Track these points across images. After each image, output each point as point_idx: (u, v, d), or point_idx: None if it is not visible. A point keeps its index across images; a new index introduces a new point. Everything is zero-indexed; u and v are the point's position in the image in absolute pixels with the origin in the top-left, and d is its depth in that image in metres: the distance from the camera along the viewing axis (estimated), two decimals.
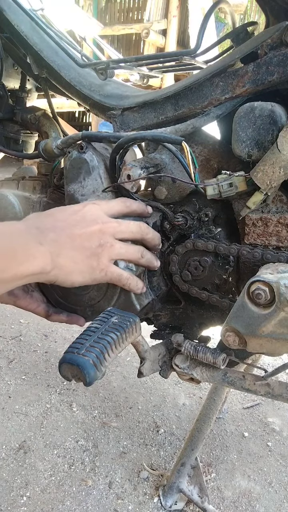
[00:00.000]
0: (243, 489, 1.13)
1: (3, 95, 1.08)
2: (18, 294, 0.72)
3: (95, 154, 0.75)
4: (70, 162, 0.76)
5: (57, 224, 0.61)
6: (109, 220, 0.65)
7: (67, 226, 0.61)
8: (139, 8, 6.31)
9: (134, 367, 1.64)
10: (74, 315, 0.76)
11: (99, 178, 0.75)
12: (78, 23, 2.06)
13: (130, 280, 0.67)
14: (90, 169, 0.74)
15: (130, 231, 0.67)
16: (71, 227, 0.61)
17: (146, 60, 0.91)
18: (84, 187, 0.75)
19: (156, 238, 0.72)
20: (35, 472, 1.14)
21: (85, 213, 0.64)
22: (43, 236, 0.58)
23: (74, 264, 0.60)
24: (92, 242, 0.61)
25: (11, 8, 0.93)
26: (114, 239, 0.64)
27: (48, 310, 0.75)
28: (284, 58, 0.64)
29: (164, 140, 0.70)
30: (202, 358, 0.72)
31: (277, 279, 0.56)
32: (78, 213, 0.64)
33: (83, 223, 0.62)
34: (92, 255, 0.61)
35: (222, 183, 0.67)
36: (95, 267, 0.62)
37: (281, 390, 0.71)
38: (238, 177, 0.67)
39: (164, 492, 1.07)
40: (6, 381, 1.51)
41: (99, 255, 0.62)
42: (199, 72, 0.79)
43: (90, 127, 6.35)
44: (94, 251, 0.61)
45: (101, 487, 1.11)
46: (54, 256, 0.58)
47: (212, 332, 0.91)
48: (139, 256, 0.68)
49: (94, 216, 0.64)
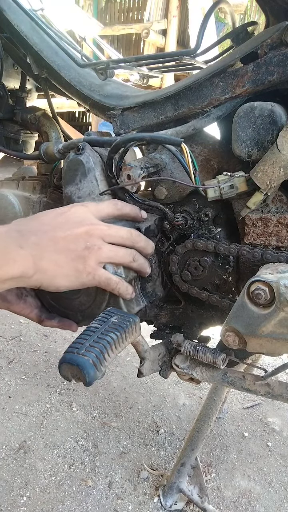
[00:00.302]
0: (243, 489, 1.13)
1: (3, 95, 1.08)
2: (11, 300, 0.71)
3: (92, 155, 0.74)
4: (67, 164, 0.75)
5: (41, 227, 0.59)
6: (97, 222, 0.63)
7: (50, 229, 0.59)
8: (139, 8, 6.31)
9: (134, 367, 1.64)
10: (66, 320, 0.74)
11: (95, 181, 0.73)
12: (78, 23, 2.06)
13: (120, 285, 0.64)
14: (86, 171, 0.73)
15: (119, 236, 0.64)
16: (54, 229, 0.59)
17: (146, 60, 0.91)
18: (80, 189, 0.74)
19: (148, 247, 0.69)
20: (35, 472, 1.14)
21: (70, 215, 0.62)
22: (24, 240, 0.56)
23: (58, 267, 0.57)
24: (77, 244, 0.59)
25: (11, 8, 0.93)
26: (102, 241, 0.61)
27: (40, 315, 0.73)
28: (284, 58, 0.64)
29: (163, 142, 0.69)
30: (202, 358, 0.72)
31: (277, 279, 0.56)
32: (63, 215, 0.61)
33: (67, 225, 0.60)
34: (78, 257, 0.59)
35: (223, 185, 0.67)
36: (82, 270, 0.59)
37: (281, 390, 0.71)
38: (239, 178, 0.67)
39: (164, 492, 1.07)
40: (6, 381, 1.51)
41: (85, 258, 0.59)
42: (199, 72, 0.79)
43: (90, 127, 6.35)
44: (80, 253, 0.59)
45: (101, 487, 1.11)
46: (36, 260, 0.56)
47: (212, 332, 0.91)
48: (130, 260, 0.65)
49: (81, 218, 0.62)
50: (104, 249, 0.61)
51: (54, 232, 0.58)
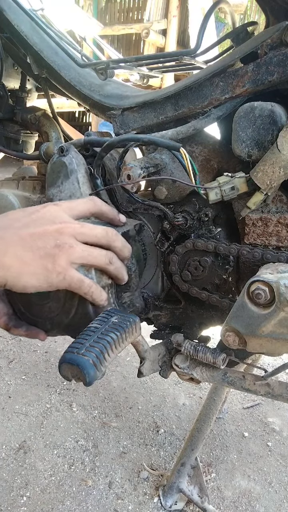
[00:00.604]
0: (243, 489, 1.13)
1: (3, 95, 1.08)
2: None
3: (75, 157, 0.72)
4: (51, 166, 0.73)
5: (11, 223, 0.56)
6: (69, 220, 0.59)
7: (20, 226, 0.56)
8: (139, 8, 6.31)
9: (134, 367, 1.64)
10: (33, 328, 0.70)
11: (76, 183, 0.71)
12: (78, 23, 2.06)
13: (93, 288, 0.58)
14: (68, 172, 0.71)
15: (93, 234, 0.59)
16: (23, 226, 0.56)
17: (146, 60, 0.91)
18: (62, 191, 0.72)
19: (125, 249, 0.63)
20: (35, 472, 1.14)
21: (43, 213, 0.58)
22: None
23: (24, 264, 0.53)
24: (46, 242, 0.55)
25: (11, 8, 0.93)
26: (75, 240, 0.57)
27: (8, 323, 0.69)
28: (284, 58, 0.64)
29: (161, 145, 0.68)
30: (202, 358, 0.72)
31: (277, 279, 0.56)
32: (35, 214, 0.58)
33: (38, 222, 0.57)
34: (47, 256, 0.55)
35: (225, 188, 0.67)
36: (51, 269, 0.55)
37: (281, 390, 0.71)
38: (239, 178, 0.67)
39: (164, 492, 1.07)
40: (6, 381, 1.51)
41: (55, 257, 0.55)
42: (199, 72, 0.79)
43: (90, 127, 6.34)
44: (49, 251, 0.55)
45: (101, 487, 1.11)
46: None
47: (212, 332, 0.91)
48: (106, 262, 0.60)
49: (53, 216, 0.58)
50: (77, 248, 0.57)
51: (23, 229, 0.55)
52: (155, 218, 0.81)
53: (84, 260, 0.57)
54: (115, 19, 6.57)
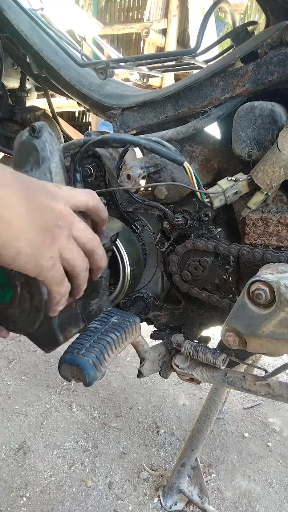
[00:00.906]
0: (243, 489, 1.12)
1: (2, 94, 1.07)
2: None
3: (50, 142, 0.61)
4: (19, 145, 0.62)
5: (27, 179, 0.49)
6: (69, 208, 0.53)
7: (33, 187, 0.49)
8: (139, 8, 6.31)
9: (134, 367, 1.64)
10: None
11: (48, 173, 0.61)
12: (78, 22, 2.06)
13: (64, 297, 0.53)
14: (40, 159, 0.61)
15: (85, 234, 0.54)
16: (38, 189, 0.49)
17: (146, 60, 0.91)
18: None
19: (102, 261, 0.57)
20: (35, 472, 1.14)
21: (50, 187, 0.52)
22: None
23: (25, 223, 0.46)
24: (50, 217, 0.49)
25: (11, 8, 0.93)
26: (70, 231, 0.52)
27: None
28: (284, 57, 0.64)
29: (164, 156, 0.65)
30: (202, 358, 0.72)
31: (277, 279, 0.56)
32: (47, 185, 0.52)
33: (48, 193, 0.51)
34: (47, 231, 0.49)
35: (229, 194, 0.67)
36: (48, 245, 0.49)
37: (281, 391, 0.71)
38: (242, 182, 0.66)
39: (164, 493, 1.07)
40: (6, 381, 1.51)
41: (54, 237, 0.49)
42: (199, 72, 0.78)
43: (90, 126, 6.34)
44: (49, 227, 0.49)
45: (101, 487, 1.11)
46: None
47: (212, 332, 0.91)
48: (84, 268, 0.55)
49: (58, 196, 0.52)
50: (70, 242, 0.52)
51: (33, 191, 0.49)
52: (155, 218, 0.81)
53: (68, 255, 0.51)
54: (115, 18, 6.57)
